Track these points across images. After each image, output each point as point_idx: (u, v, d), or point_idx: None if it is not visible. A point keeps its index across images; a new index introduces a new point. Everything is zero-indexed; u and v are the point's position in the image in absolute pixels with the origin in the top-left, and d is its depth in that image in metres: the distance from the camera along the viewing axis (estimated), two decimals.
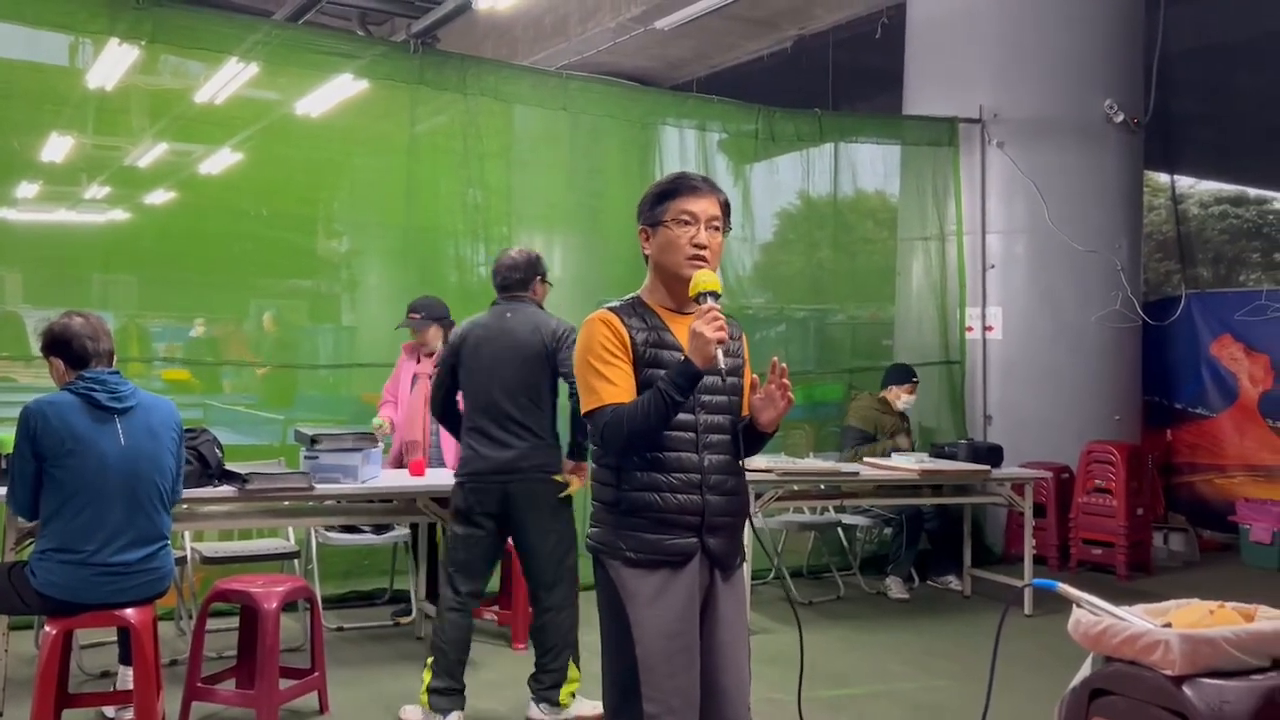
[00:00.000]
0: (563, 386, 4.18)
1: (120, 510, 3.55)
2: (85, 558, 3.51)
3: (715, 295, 2.52)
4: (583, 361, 2.59)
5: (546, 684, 4.18)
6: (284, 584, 4.15)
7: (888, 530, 6.93)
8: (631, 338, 2.57)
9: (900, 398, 6.85)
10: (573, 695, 4.21)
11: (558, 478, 4.16)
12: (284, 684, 4.04)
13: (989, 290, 7.82)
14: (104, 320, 3.81)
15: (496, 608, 5.46)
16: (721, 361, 2.48)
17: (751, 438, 2.67)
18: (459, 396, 4.36)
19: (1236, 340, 8.32)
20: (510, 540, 4.31)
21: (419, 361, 5.59)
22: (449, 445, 5.42)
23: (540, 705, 4.19)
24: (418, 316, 5.50)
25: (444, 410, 4.42)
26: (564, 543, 4.19)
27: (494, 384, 4.13)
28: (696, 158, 7.31)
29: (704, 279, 2.54)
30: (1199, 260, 11.53)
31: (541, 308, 4.32)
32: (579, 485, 4.19)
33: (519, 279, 4.27)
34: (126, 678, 3.90)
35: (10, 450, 3.62)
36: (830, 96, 10.78)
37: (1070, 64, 7.71)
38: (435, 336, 5.49)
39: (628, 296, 2.69)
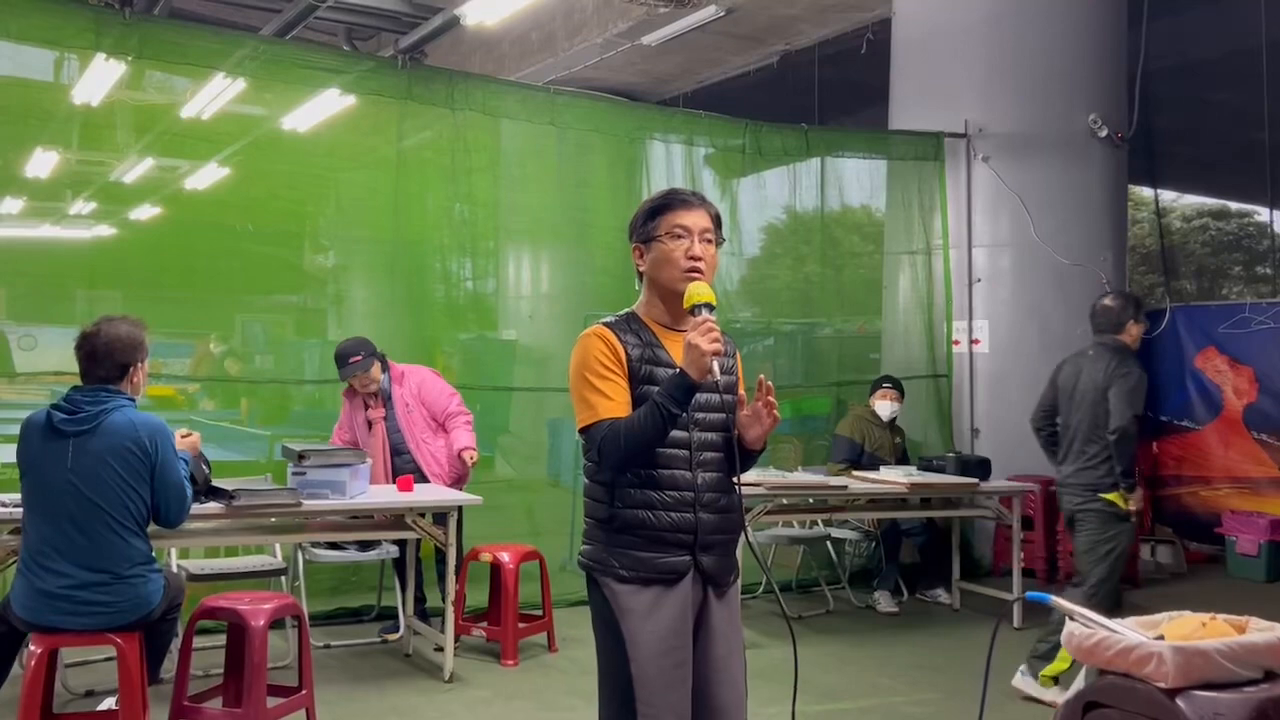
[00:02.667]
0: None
1: (64, 534, 3.51)
2: (35, 579, 3.51)
3: (710, 307, 2.50)
4: (578, 376, 2.57)
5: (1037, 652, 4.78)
6: (271, 601, 4.12)
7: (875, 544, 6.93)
8: (627, 353, 2.56)
9: (877, 404, 6.85)
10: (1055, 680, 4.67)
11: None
12: (271, 702, 4.00)
13: (975, 304, 7.84)
14: (120, 329, 3.68)
15: (485, 623, 5.43)
16: (718, 374, 2.46)
17: (739, 455, 2.65)
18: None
19: (1221, 353, 8.36)
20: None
21: (368, 407, 5.49)
22: (428, 462, 5.44)
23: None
24: (359, 358, 5.32)
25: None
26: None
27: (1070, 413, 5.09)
28: (684, 172, 7.31)
29: (698, 291, 2.52)
30: (1182, 273, 11.60)
31: (1129, 347, 4.98)
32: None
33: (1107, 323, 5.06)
34: None
35: None
36: (817, 111, 10.83)
37: (1055, 80, 7.76)
38: (379, 373, 5.43)
39: (622, 312, 2.67)
